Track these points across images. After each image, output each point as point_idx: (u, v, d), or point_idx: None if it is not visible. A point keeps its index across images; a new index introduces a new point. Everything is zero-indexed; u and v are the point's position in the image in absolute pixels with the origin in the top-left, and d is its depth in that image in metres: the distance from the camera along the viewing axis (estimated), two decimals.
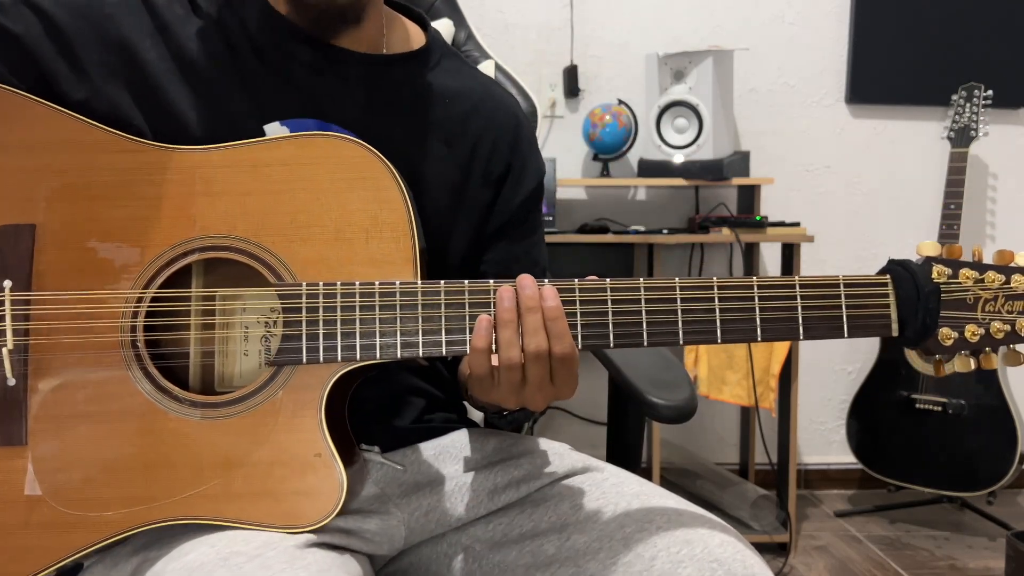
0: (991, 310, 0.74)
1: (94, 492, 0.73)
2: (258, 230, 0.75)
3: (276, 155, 0.76)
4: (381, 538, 0.82)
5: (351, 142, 0.76)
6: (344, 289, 0.73)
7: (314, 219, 0.75)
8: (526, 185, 0.96)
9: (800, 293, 0.73)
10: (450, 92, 0.93)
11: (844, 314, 0.73)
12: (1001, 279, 0.74)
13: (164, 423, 0.74)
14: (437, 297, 0.73)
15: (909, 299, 0.73)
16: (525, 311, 0.71)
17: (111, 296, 0.75)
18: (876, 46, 2.76)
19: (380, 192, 0.76)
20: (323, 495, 0.73)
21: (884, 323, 0.74)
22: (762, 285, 0.73)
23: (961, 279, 0.74)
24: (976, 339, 0.74)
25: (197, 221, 0.75)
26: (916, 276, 0.73)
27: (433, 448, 0.90)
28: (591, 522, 0.80)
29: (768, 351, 2.33)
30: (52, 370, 0.75)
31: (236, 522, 0.72)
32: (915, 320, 0.73)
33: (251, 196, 0.76)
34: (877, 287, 0.74)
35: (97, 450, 0.74)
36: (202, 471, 0.73)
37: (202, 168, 0.76)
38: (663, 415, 0.98)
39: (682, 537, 0.76)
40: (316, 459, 0.73)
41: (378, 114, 0.88)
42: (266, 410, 0.74)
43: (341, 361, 0.73)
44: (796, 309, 0.73)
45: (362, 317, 0.73)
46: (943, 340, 0.74)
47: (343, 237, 0.75)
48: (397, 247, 0.75)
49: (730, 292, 0.73)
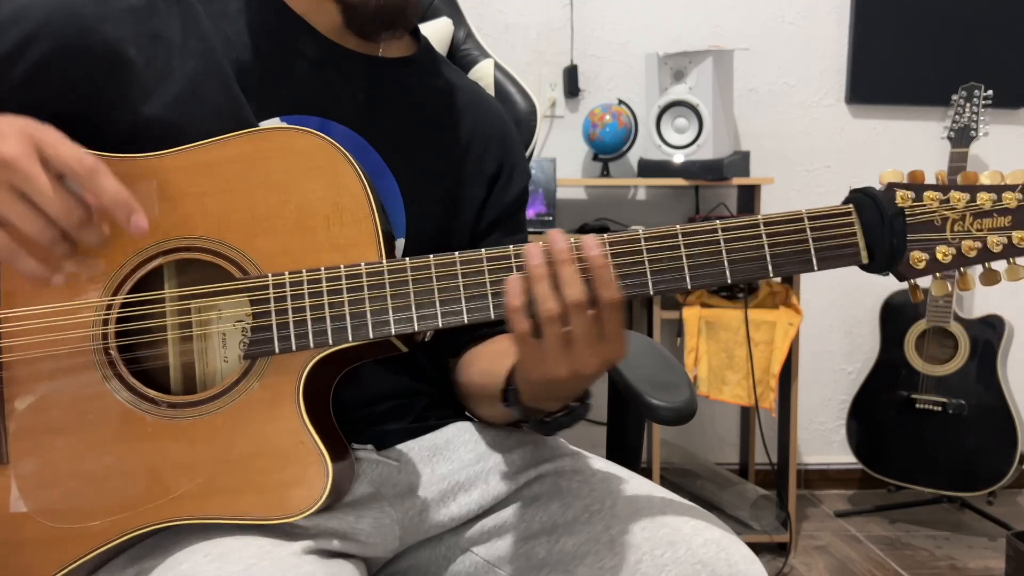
0: (960, 230, 0.73)
1: (77, 504, 0.73)
2: (219, 228, 0.75)
3: (230, 153, 0.76)
4: (375, 539, 0.82)
5: (304, 132, 0.76)
6: (310, 276, 0.73)
7: (273, 212, 0.75)
8: (516, 185, 1.00)
9: (765, 231, 0.72)
10: (443, 93, 0.96)
11: (812, 247, 0.72)
12: (966, 197, 0.73)
13: (142, 428, 0.74)
14: (404, 274, 0.73)
15: (874, 224, 0.72)
16: (559, 264, 0.69)
17: (80, 307, 0.74)
18: (876, 46, 2.76)
19: (337, 179, 0.75)
20: (308, 483, 0.72)
21: (852, 251, 0.73)
22: (727, 227, 0.72)
23: (926, 201, 0.73)
24: (949, 259, 0.72)
25: (158, 226, 0.75)
26: (878, 201, 0.72)
27: (427, 446, 0.90)
28: (579, 523, 0.81)
29: (768, 351, 2.33)
30: (28, 386, 0.74)
31: (222, 518, 0.72)
32: (883, 244, 0.72)
33: (209, 196, 0.75)
34: (841, 216, 0.73)
35: (78, 462, 0.74)
36: (184, 472, 0.73)
37: (158, 174, 0.76)
38: (662, 417, 0.98)
39: (666, 539, 0.76)
40: (299, 447, 0.72)
41: (378, 112, 0.89)
42: (244, 404, 0.73)
43: (314, 347, 0.73)
44: (763, 247, 0.72)
45: (330, 302, 0.73)
46: (915, 263, 0.72)
47: (304, 226, 0.75)
48: (359, 230, 0.75)
49: (695, 238, 0.72)
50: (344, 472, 0.76)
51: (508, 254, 0.73)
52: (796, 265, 0.72)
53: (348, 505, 0.81)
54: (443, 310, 0.73)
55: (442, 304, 0.73)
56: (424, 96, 0.94)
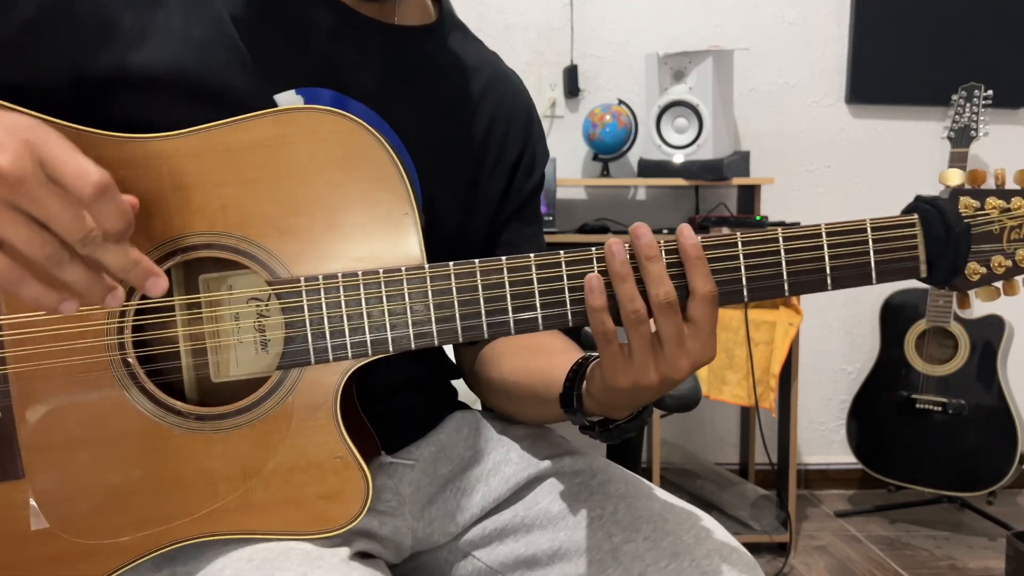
0: (1016, 238, 0.70)
1: (105, 519, 0.69)
2: (241, 223, 0.68)
3: (251, 136, 0.68)
4: (392, 544, 0.82)
5: (333, 113, 0.69)
6: (346, 281, 0.68)
7: (302, 205, 0.68)
8: (537, 171, 0.95)
9: (827, 241, 0.68)
10: (464, 68, 0.90)
11: (872, 259, 0.68)
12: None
13: (169, 441, 0.70)
14: (447, 281, 0.68)
15: (938, 239, 0.69)
16: (645, 260, 0.65)
17: (90, 312, 0.68)
18: (876, 46, 2.76)
19: (372, 169, 0.68)
20: (348, 496, 0.69)
21: (912, 265, 0.69)
22: (788, 236, 0.68)
23: (988, 209, 0.70)
24: (1003, 270, 0.70)
25: (173, 220, 0.68)
26: (945, 214, 0.69)
27: (432, 443, 0.89)
28: (580, 530, 0.80)
29: (768, 351, 2.33)
30: (39, 397, 0.69)
31: (260, 533, 0.69)
32: (944, 261, 0.69)
33: (228, 186, 0.68)
34: (905, 228, 0.69)
35: (101, 476, 0.70)
36: (218, 485, 0.69)
37: (170, 159, 0.68)
38: (667, 405, 0.98)
39: (670, 550, 0.75)
40: (336, 461, 0.69)
41: (395, 90, 0.84)
42: (278, 416, 0.70)
43: (352, 359, 0.68)
44: (823, 259, 0.68)
45: (369, 311, 0.68)
46: (971, 276, 0.70)
47: (336, 222, 0.68)
48: (396, 228, 0.69)
49: (754, 247, 0.68)
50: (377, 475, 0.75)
51: (559, 260, 0.68)
52: (854, 278, 0.69)
53: (373, 510, 0.80)
54: (488, 320, 0.68)
55: (488, 314, 0.68)
56: (444, 70, 0.88)
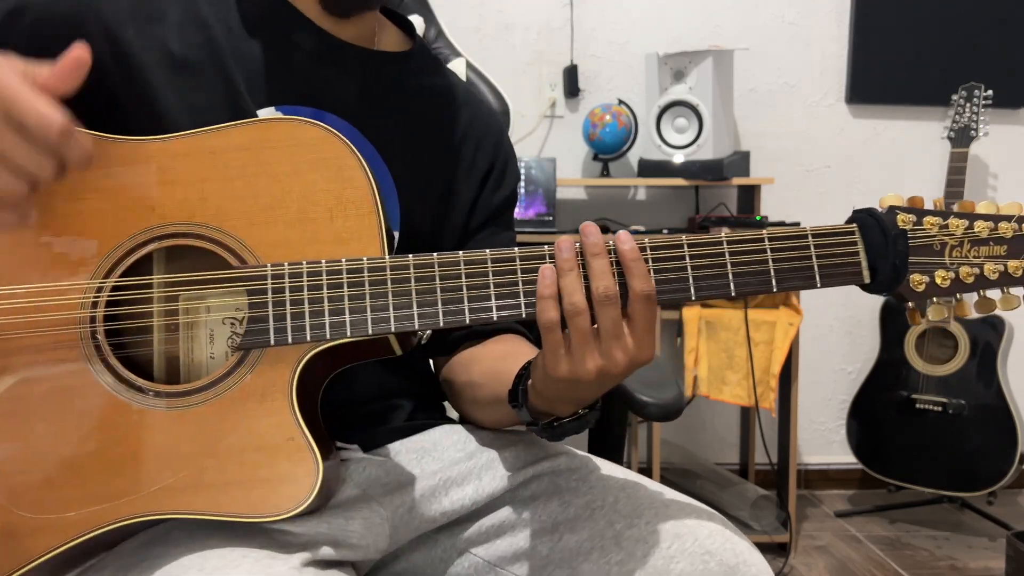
0: (958, 256, 0.74)
1: (55, 493, 0.70)
2: (218, 215, 0.74)
3: (234, 141, 0.75)
4: (367, 539, 0.81)
5: (311, 124, 0.75)
6: (310, 268, 0.72)
7: (276, 202, 0.74)
8: (507, 185, 1.00)
9: (770, 246, 0.73)
10: (438, 89, 0.97)
11: (815, 264, 0.73)
12: (964, 224, 0.74)
13: (127, 416, 0.71)
14: (406, 271, 0.72)
15: (877, 244, 0.73)
16: (590, 257, 0.70)
17: (68, 288, 0.72)
18: (876, 46, 2.76)
19: (342, 171, 0.74)
20: (297, 480, 0.70)
21: (855, 270, 0.74)
22: (732, 240, 0.73)
23: (926, 226, 0.74)
24: (947, 284, 0.74)
25: (155, 210, 0.74)
26: (882, 222, 0.74)
27: (414, 447, 0.90)
28: (581, 520, 0.81)
29: (768, 351, 2.33)
30: (9, 369, 0.72)
31: (208, 514, 0.70)
32: (885, 264, 0.73)
33: (209, 182, 0.74)
34: (845, 235, 0.74)
35: (58, 448, 0.71)
36: (170, 463, 0.70)
37: (159, 157, 0.74)
38: (651, 414, 0.99)
39: (672, 531, 0.76)
40: (289, 443, 0.70)
41: (373, 107, 0.89)
42: (234, 396, 0.71)
43: (311, 341, 0.71)
44: (767, 262, 0.73)
45: (330, 295, 0.72)
46: (915, 286, 0.74)
47: (306, 218, 0.74)
48: (362, 224, 0.74)
49: (701, 249, 0.73)
50: (331, 472, 0.74)
51: (513, 256, 0.72)
52: (799, 281, 0.73)
53: (337, 507, 0.80)
54: (445, 309, 0.72)
55: (444, 304, 0.72)
56: (419, 91, 0.94)
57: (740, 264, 0.73)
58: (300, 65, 0.86)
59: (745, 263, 0.73)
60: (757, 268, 0.73)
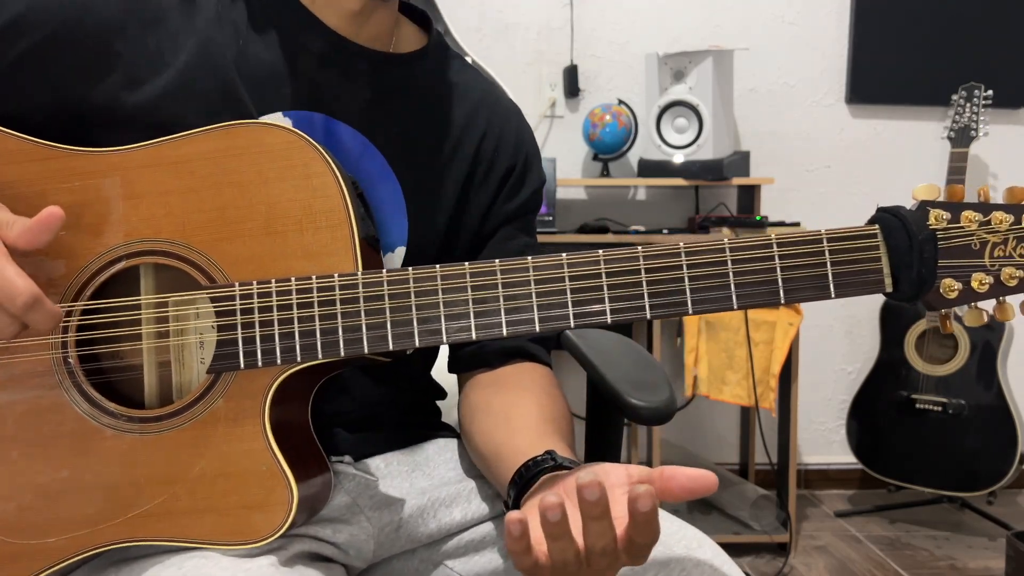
0: (1001, 255, 0.65)
1: (32, 519, 0.69)
2: (184, 230, 0.70)
3: (198, 149, 0.71)
4: (351, 550, 0.80)
5: (278, 128, 0.71)
6: (279, 287, 0.68)
7: (242, 214, 0.70)
8: (528, 187, 0.94)
9: (778, 252, 0.65)
10: (453, 88, 0.91)
11: (829, 271, 0.65)
12: (1010, 219, 0.65)
13: (101, 442, 0.70)
14: (380, 288, 0.68)
15: (902, 249, 0.65)
16: (588, 520, 0.57)
17: None
18: (876, 46, 2.76)
19: (311, 179, 0.70)
20: (272, 507, 0.68)
21: (876, 278, 0.65)
22: (735, 247, 0.66)
23: (963, 222, 0.65)
24: (985, 288, 0.64)
25: (121, 226, 0.71)
26: (907, 223, 0.65)
27: (407, 461, 0.88)
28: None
29: (768, 351, 2.33)
30: None
31: (182, 541, 0.69)
32: (909, 272, 0.64)
33: (174, 195, 0.71)
34: (865, 239, 0.66)
35: (33, 475, 0.70)
36: (143, 489, 0.69)
37: (122, 170, 0.71)
38: (643, 417, 0.96)
39: (659, 558, 0.74)
40: (261, 470, 0.68)
41: (384, 112, 0.85)
42: (207, 421, 0.69)
43: (281, 364, 0.68)
44: (775, 270, 0.65)
45: (300, 315, 0.68)
46: (946, 292, 0.65)
47: (274, 230, 0.70)
48: (334, 236, 0.70)
49: (700, 258, 0.66)
50: (318, 489, 0.73)
51: (494, 269, 0.67)
52: (811, 291, 0.65)
53: (325, 519, 0.79)
54: (420, 328, 0.68)
55: (420, 322, 0.68)
56: (433, 94, 0.89)
57: (743, 273, 0.66)
58: (307, 69, 0.82)
59: (749, 272, 0.66)
60: (763, 278, 0.65)
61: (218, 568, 0.66)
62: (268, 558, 0.69)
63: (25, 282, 0.62)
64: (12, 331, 0.64)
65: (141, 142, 0.73)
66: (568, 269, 0.67)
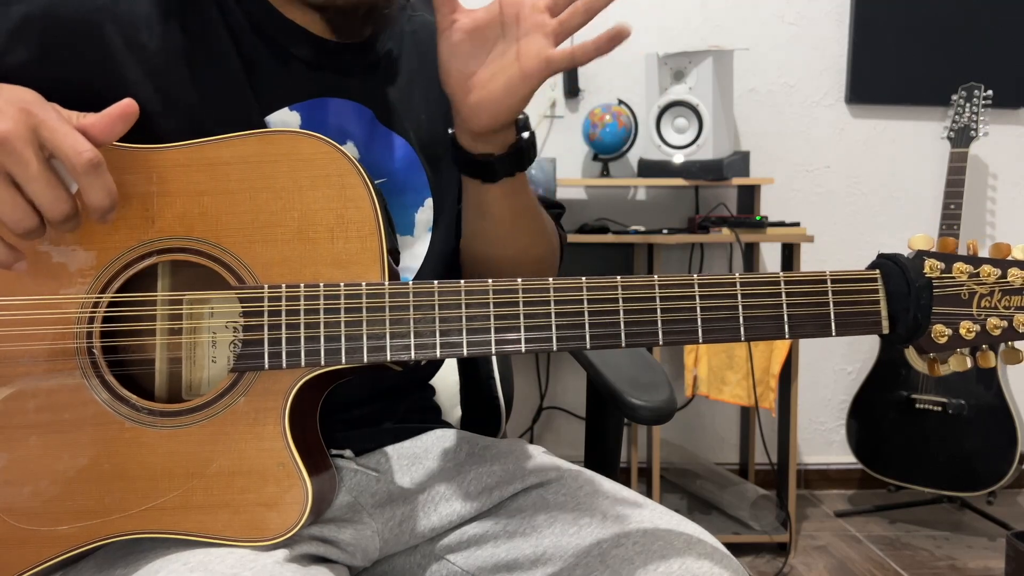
0: (987, 306, 0.71)
1: (45, 506, 0.71)
2: (217, 230, 0.72)
3: (235, 153, 0.73)
4: (355, 549, 0.81)
5: (314, 138, 0.73)
6: (308, 291, 0.70)
7: (275, 219, 0.72)
8: None
9: (785, 290, 0.70)
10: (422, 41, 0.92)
11: (832, 311, 0.70)
12: (997, 273, 0.71)
13: (119, 433, 0.71)
14: (405, 299, 0.70)
15: (900, 294, 0.70)
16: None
17: (65, 301, 0.71)
18: (876, 46, 2.76)
19: (345, 190, 0.73)
20: (287, 506, 0.70)
21: (874, 320, 0.70)
22: (745, 282, 0.71)
23: (955, 273, 0.71)
24: (972, 336, 0.70)
25: (154, 222, 0.72)
26: (907, 270, 0.70)
27: (407, 453, 0.89)
28: (567, 535, 0.79)
29: (768, 351, 2.33)
30: (3, 379, 0.71)
31: (195, 535, 0.70)
32: (906, 316, 0.70)
33: (208, 196, 0.73)
34: (866, 282, 0.71)
35: (49, 462, 0.71)
36: (159, 482, 0.70)
37: (158, 168, 0.73)
38: (642, 417, 0.97)
39: (659, 552, 0.74)
40: (279, 468, 0.70)
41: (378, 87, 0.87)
42: (227, 418, 0.71)
43: (305, 367, 0.70)
44: (781, 307, 0.70)
45: (327, 320, 0.70)
46: (937, 337, 0.70)
47: (306, 237, 0.72)
48: (363, 247, 0.72)
49: (712, 290, 0.70)
50: (325, 488, 0.74)
51: (516, 287, 0.70)
52: (813, 328, 0.70)
53: (328, 519, 0.80)
54: (442, 340, 0.70)
55: (442, 334, 0.70)
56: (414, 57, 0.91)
57: (752, 307, 0.70)
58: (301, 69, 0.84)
59: (758, 307, 0.70)
60: (770, 313, 0.70)
61: (223, 565, 0.66)
62: (273, 555, 0.70)
63: (92, 145, 0.62)
64: (66, 206, 0.63)
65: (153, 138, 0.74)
66: (587, 292, 0.70)
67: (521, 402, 2.65)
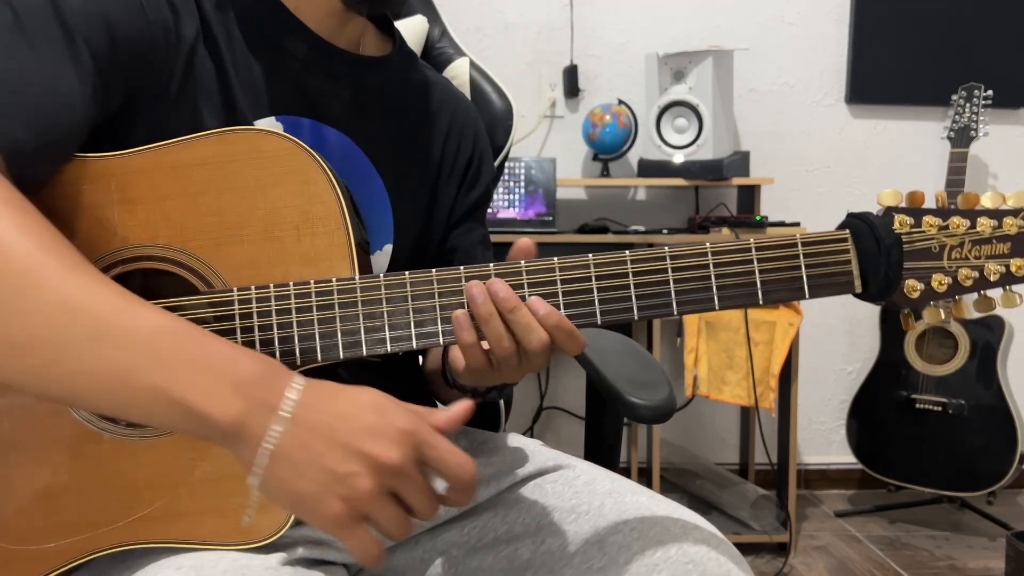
0: (958, 257, 0.70)
1: (32, 523, 0.69)
2: (183, 235, 0.71)
3: (196, 155, 0.71)
4: None
5: (275, 135, 0.72)
6: (278, 291, 0.69)
7: (241, 219, 0.71)
8: (484, 177, 1.00)
9: (757, 256, 0.70)
10: (421, 92, 0.96)
11: (804, 274, 0.70)
12: (966, 224, 0.70)
13: (99, 446, 0.70)
14: (377, 292, 0.69)
15: (870, 253, 0.70)
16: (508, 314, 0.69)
17: None
18: (876, 46, 2.76)
19: (309, 186, 0.71)
20: (272, 508, 0.68)
21: (846, 280, 0.70)
22: (716, 251, 0.70)
23: (924, 227, 0.70)
24: (944, 288, 0.70)
25: (117, 231, 0.70)
26: (876, 228, 0.70)
27: None
28: (565, 524, 0.80)
29: (768, 351, 2.33)
30: None
31: (184, 542, 0.69)
32: (878, 274, 0.70)
33: (171, 200, 0.71)
34: (836, 243, 0.70)
35: (31, 479, 0.70)
36: (144, 492, 0.69)
37: (119, 175, 0.71)
38: (642, 415, 0.98)
39: (656, 538, 0.75)
40: None
41: (363, 113, 0.89)
42: None
43: None
44: (753, 273, 0.70)
45: (299, 319, 0.69)
46: (909, 292, 0.70)
47: (273, 236, 0.71)
48: (331, 242, 0.71)
49: (683, 261, 0.70)
50: None
51: (489, 272, 0.70)
52: (786, 292, 0.70)
53: None
54: (418, 331, 0.70)
55: (417, 325, 0.70)
56: (403, 95, 0.94)
57: (724, 276, 0.70)
58: (293, 74, 0.84)
59: (729, 275, 0.70)
60: (742, 280, 0.70)
61: (216, 570, 0.66)
62: (267, 559, 0.70)
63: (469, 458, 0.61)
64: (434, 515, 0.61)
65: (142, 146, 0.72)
66: (560, 272, 0.70)
67: (521, 402, 2.65)
